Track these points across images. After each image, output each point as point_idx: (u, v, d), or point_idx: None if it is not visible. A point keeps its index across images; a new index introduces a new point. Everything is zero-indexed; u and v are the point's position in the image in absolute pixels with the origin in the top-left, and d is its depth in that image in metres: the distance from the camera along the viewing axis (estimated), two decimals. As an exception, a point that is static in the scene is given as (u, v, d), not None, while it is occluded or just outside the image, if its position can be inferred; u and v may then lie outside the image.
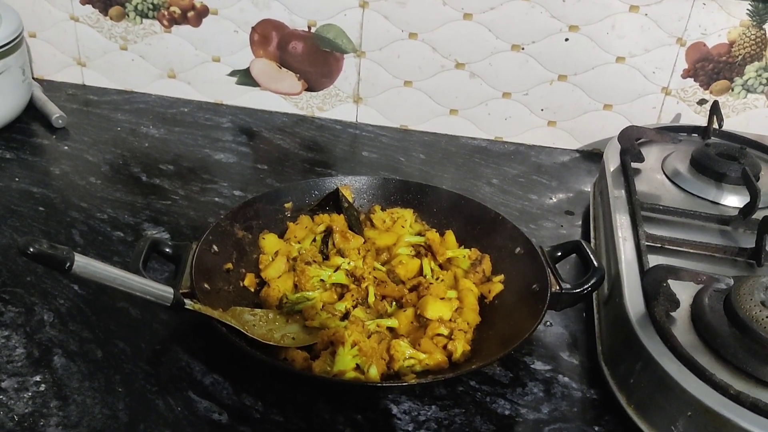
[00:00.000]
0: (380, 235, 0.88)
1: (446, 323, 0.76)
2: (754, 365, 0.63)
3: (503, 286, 0.83)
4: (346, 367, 0.69)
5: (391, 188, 0.95)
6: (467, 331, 0.77)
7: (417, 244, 0.88)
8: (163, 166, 1.09)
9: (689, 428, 0.62)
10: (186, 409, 0.68)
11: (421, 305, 0.78)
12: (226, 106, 1.28)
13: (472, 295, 0.82)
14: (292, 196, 0.92)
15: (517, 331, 0.73)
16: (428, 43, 1.16)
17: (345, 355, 0.70)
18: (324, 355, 0.71)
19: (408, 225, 0.91)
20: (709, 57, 1.12)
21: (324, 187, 0.93)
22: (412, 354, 0.72)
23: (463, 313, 0.79)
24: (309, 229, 0.89)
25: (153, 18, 1.22)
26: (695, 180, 0.96)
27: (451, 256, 0.86)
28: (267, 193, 0.91)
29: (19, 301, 0.79)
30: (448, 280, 0.84)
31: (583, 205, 1.08)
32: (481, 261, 0.86)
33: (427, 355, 0.73)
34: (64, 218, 0.94)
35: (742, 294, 0.68)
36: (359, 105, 1.25)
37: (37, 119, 1.18)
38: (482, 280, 0.85)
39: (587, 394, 0.74)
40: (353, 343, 0.70)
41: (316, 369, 0.70)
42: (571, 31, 1.12)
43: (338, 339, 0.71)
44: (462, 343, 0.74)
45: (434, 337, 0.75)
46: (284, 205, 0.91)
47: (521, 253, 0.84)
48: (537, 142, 1.23)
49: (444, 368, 0.73)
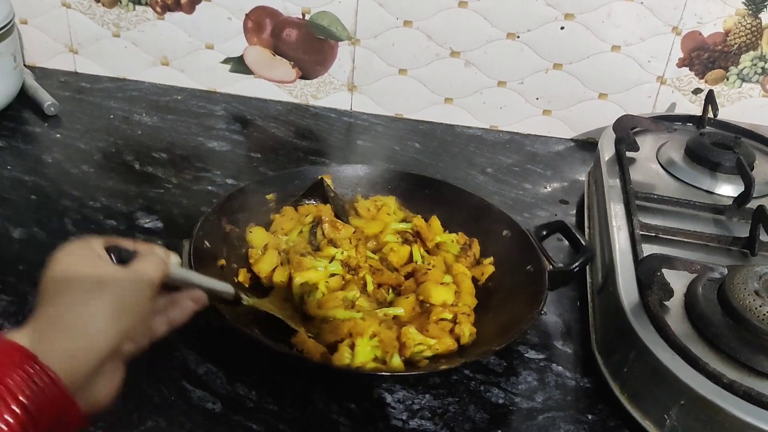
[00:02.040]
0: (367, 223, 0.88)
1: (449, 308, 0.77)
2: (748, 354, 0.64)
3: (494, 268, 0.84)
4: (366, 358, 0.70)
5: (374, 177, 0.95)
6: (470, 314, 0.77)
7: (404, 230, 0.88)
8: (156, 154, 1.08)
9: (682, 417, 0.62)
10: (179, 398, 0.68)
11: (423, 291, 0.78)
12: (219, 94, 1.27)
13: (468, 279, 0.82)
14: (275, 186, 0.90)
15: (519, 312, 0.74)
16: (423, 31, 1.16)
17: (365, 346, 0.70)
18: (342, 348, 0.70)
19: (392, 212, 0.91)
20: (705, 46, 1.11)
21: (305, 176, 0.92)
22: (422, 340, 0.73)
23: (461, 297, 0.80)
24: (295, 220, 0.87)
25: (146, 5, 1.21)
26: (690, 169, 0.96)
27: (439, 242, 0.87)
28: (249, 185, 0.89)
29: (12, 289, 0.79)
30: (440, 265, 0.84)
31: (577, 194, 1.08)
32: (470, 245, 0.87)
33: (436, 341, 0.73)
34: (56, 207, 0.94)
35: (736, 283, 0.68)
36: (354, 93, 1.24)
37: (28, 107, 1.17)
38: (473, 264, 0.86)
39: (581, 383, 0.74)
40: (372, 334, 0.71)
41: (337, 362, 0.69)
42: (566, 19, 1.11)
43: (358, 331, 0.71)
44: (468, 326, 0.75)
45: (438, 321, 0.76)
46: (266, 197, 0.89)
47: (508, 236, 0.86)
48: (532, 131, 1.23)
49: (453, 352, 0.73)
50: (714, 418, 0.60)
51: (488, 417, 0.69)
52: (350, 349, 0.70)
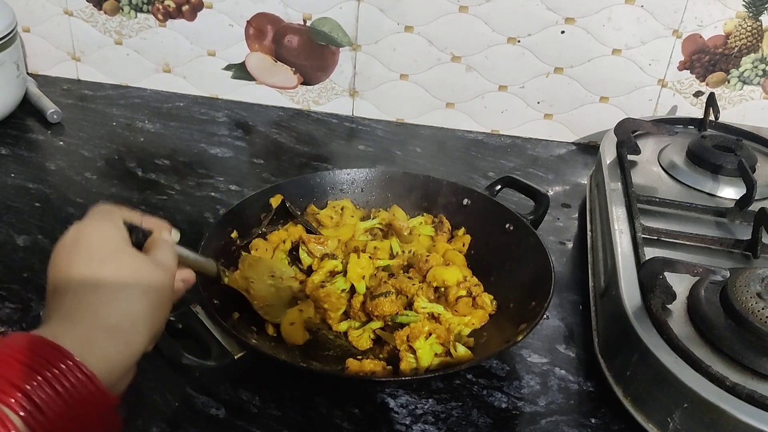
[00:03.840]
0: (337, 230, 0.88)
1: (462, 284, 0.79)
2: (751, 357, 0.64)
3: (470, 236, 0.88)
4: (430, 358, 0.72)
5: (319, 183, 0.93)
6: (478, 284, 0.80)
7: (372, 227, 0.90)
8: (159, 160, 1.08)
9: (685, 420, 0.62)
10: (183, 404, 0.68)
11: (435, 276, 0.79)
12: (221, 101, 1.28)
13: (456, 253, 0.85)
14: (232, 224, 0.83)
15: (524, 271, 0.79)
16: (424, 36, 1.16)
17: (425, 346, 0.72)
18: (404, 355, 0.72)
19: (352, 213, 0.91)
20: (705, 49, 1.11)
21: (254, 205, 0.86)
22: (460, 321, 0.76)
23: (462, 271, 0.82)
24: (270, 250, 0.84)
25: (147, 12, 1.22)
26: (691, 172, 0.96)
27: (411, 227, 0.89)
28: (214, 229, 0.80)
29: (16, 297, 0.79)
30: (419, 249, 0.85)
31: (579, 197, 1.08)
32: (441, 221, 0.89)
33: (469, 317, 0.77)
34: (60, 214, 0.94)
35: (739, 286, 0.68)
36: (355, 98, 1.24)
37: (31, 115, 1.17)
38: (449, 239, 0.88)
39: (584, 387, 0.74)
40: (428, 332, 0.73)
41: (407, 369, 0.70)
42: (567, 23, 1.11)
43: (415, 334, 0.72)
44: (486, 295, 0.79)
45: (457, 300, 0.78)
46: (231, 236, 0.82)
47: (469, 203, 0.89)
48: (533, 135, 1.23)
49: (487, 323, 0.78)
50: (717, 421, 0.59)
51: (491, 421, 0.69)
52: (411, 353, 0.72)
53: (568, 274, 0.90)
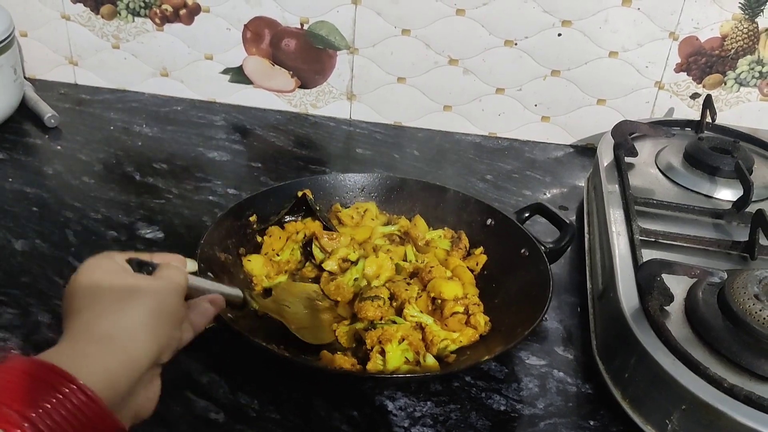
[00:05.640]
0: (354, 230, 0.89)
1: (461, 300, 0.79)
2: (748, 358, 0.64)
3: (486, 257, 0.87)
4: (398, 362, 0.72)
5: (349, 184, 0.95)
6: (479, 304, 0.80)
7: (391, 233, 0.90)
8: (157, 164, 1.08)
9: (684, 422, 0.62)
10: (183, 408, 0.68)
11: (434, 288, 0.80)
12: (219, 104, 1.28)
13: (466, 270, 0.85)
14: (254, 207, 0.88)
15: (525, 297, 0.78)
16: (421, 40, 1.16)
17: (395, 351, 0.72)
18: (373, 356, 0.72)
19: (375, 216, 0.92)
20: (702, 51, 1.12)
21: (282, 193, 0.90)
22: (446, 335, 0.76)
23: (465, 288, 0.82)
24: (284, 239, 0.86)
25: (145, 16, 1.22)
26: (689, 174, 0.96)
27: (428, 239, 0.89)
28: (231, 209, 0.86)
29: (15, 302, 0.79)
30: (433, 261, 0.85)
31: (577, 200, 1.08)
32: (459, 237, 0.89)
33: (458, 334, 0.76)
34: (57, 218, 0.94)
35: (736, 287, 0.68)
36: (353, 102, 1.25)
37: (29, 119, 1.17)
38: (464, 256, 0.88)
39: (582, 389, 0.74)
40: (401, 338, 0.73)
41: (372, 370, 0.71)
42: (563, 26, 1.12)
43: (386, 337, 0.72)
44: (481, 315, 0.78)
45: (452, 315, 0.78)
46: (249, 219, 0.87)
47: (492, 224, 0.89)
48: (531, 138, 1.23)
49: (476, 342, 0.76)
50: (715, 423, 0.60)
51: (490, 424, 0.69)
52: (381, 356, 0.72)
53: (565, 277, 0.90)
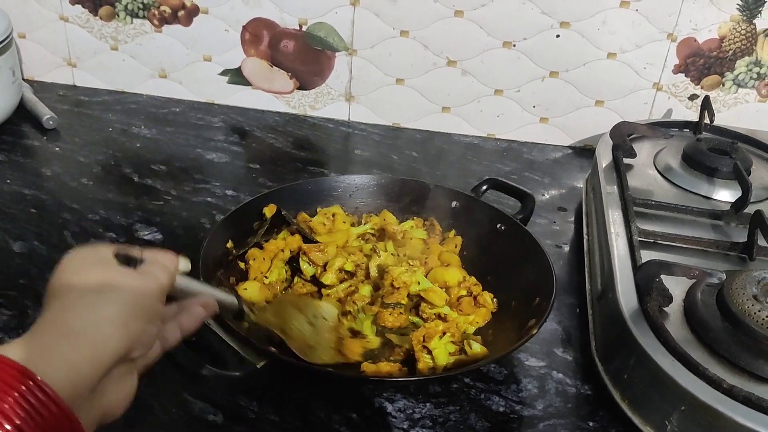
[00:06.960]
0: (331, 236, 0.87)
1: (463, 284, 0.81)
2: (747, 359, 0.64)
3: (461, 238, 0.89)
4: (446, 357, 0.73)
5: (309, 190, 0.93)
6: (477, 284, 0.82)
7: (364, 233, 0.90)
8: (155, 166, 1.08)
9: (683, 423, 0.62)
10: (181, 410, 0.68)
11: (437, 277, 0.82)
12: (217, 106, 1.28)
13: (451, 255, 0.86)
14: (230, 232, 0.82)
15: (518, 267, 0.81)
16: (420, 41, 1.16)
17: (440, 345, 0.73)
18: (420, 356, 0.73)
19: (345, 219, 0.91)
20: (700, 52, 1.12)
21: (251, 211, 0.86)
22: (465, 320, 0.78)
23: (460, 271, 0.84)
24: (270, 259, 0.83)
25: (143, 18, 1.22)
26: (687, 175, 0.96)
27: (403, 230, 0.89)
28: (210, 240, 0.79)
29: (13, 303, 0.79)
30: (413, 252, 0.86)
31: (575, 201, 1.08)
32: (432, 224, 0.91)
33: (473, 316, 0.78)
34: (56, 220, 0.94)
35: (735, 288, 0.68)
36: (351, 103, 1.25)
37: (27, 121, 1.17)
38: (440, 241, 0.89)
39: (581, 390, 0.74)
40: (442, 332, 0.74)
41: (424, 369, 0.71)
42: (562, 27, 1.12)
43: (430, 334, 0.74)
44: (487, 293, 0.81)
45: (460, 299, 0.80)
46: (226, 246, 0.82)
47: (458, 206, 0.90)
48: (529, 139, 1.23)
49: (490, 320, 0.80)
50: (714, 424, 0.60)
51: (489, 425, 0.69)
52: (428, 353, 0.73)
53: (564, 278, 0.90)
